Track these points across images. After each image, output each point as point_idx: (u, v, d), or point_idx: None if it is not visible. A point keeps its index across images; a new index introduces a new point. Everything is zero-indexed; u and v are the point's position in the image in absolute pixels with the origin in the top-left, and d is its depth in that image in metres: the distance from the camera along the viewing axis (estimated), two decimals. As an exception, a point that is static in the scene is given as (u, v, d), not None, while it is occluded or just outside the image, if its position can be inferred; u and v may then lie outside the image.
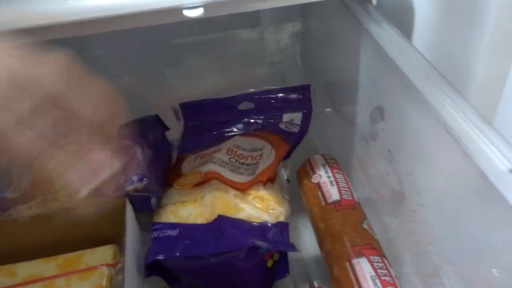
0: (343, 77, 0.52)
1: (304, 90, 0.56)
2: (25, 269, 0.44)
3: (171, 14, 0.37)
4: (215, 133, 0.58)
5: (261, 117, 0.57)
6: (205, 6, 0.37)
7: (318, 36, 0.59)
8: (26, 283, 0.43)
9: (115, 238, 0.46)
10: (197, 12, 0.37)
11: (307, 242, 0.50)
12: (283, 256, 0.42)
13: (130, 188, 0.44)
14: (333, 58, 0.55)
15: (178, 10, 0.37)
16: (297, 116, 0.56)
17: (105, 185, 0.29)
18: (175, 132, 0.57)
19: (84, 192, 0.44)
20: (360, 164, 0.50)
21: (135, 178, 0.44)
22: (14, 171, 0.47)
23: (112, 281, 0.44)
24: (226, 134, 0.57)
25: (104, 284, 0.43)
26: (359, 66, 0.45)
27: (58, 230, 0.45)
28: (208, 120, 0.59)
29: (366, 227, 0.42)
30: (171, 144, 0.56)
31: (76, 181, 0.29)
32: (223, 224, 0.42)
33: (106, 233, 0.47)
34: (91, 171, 0.28)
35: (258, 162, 0.50)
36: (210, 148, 0.53)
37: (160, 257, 0.41)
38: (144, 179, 0.44)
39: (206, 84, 0.61)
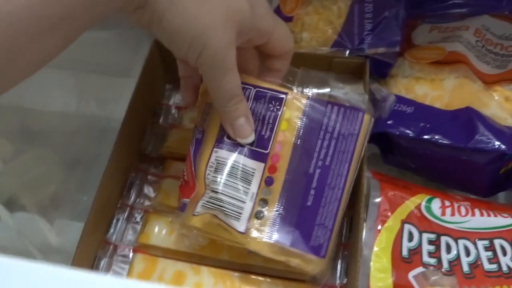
0: None
1: None
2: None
3: None
4: (451, 2, 0.49)
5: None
6: None
7: None
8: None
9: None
10: None
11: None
12: (521, 168, 0.39)
13: (378, 50, 0.40)
14: None
15: None
16: None
17: None
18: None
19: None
20: None
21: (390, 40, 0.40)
22: None
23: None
24: (466, 9, 0.48)
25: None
26: None
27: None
28: (444, -18, 0.50)
29: None
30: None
31: None
32: (474, 119, 0.38)
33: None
34: None
35: (511, 55, 0.43)
36: (451, 21, 0.46)
37: (394, 131, 0.39)
38: (397, 45, 0.40)
39: None
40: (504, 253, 0.34)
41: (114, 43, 0.43)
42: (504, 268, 0.33)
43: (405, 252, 0.33)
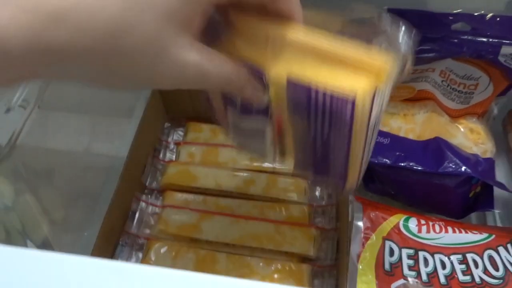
0: None
1: (538, 24, 0.51)
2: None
3: None
4: (420, 48, 0.56)
5: (476, 44, 0.54)
6: None
7: None
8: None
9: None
10: None
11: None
12: (488, 191, 0.44)
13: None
14: None
15: None
16: (518, 52, 0.52)
17: None
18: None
19: None
20: None
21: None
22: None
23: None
24: (433, 54, 0.55)
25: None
26: None
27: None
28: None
29: None
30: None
31: None
32: (442, 147, 0.43)
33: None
34: None
35: (473, 92, 0.49)
36: (418, 64, 0.52)
37: (373, 160, 0.44)
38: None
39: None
40: (476, 266, 0.37)
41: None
42: (477, 280, 0.37)
43: (387, 266, 0.37)
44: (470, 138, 0.46)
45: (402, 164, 0.43)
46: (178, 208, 0.46)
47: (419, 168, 0.43)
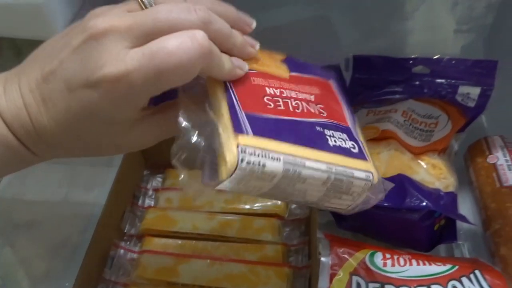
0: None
1: (489, 66, 0.55)
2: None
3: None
4: (384, 91, 0.59)
5: (435, 85, 0.58)
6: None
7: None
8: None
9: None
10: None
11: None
12: (451, 224, 0.46)
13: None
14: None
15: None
16: (474, 91, 0.56)
17: None
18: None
19: None
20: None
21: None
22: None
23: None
24: (397, 96, 0.58)
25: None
26: None
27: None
28: (378, 77, 0.60)
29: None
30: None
31: None
32: (405, 183, 0.45)
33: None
34: None
35: (433, 130, 0.52)
36: (383, 106, 0.56)
37: (341, 198, 0.46)
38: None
39: (381, 40, 0.62)
40: (441, 297, 0.39)
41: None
42: (443, 311, 0.38)
43: (354, 301, 0.38)
44: (433, 173, 0.49)
45: (368, 201, 0.45)
46: (155, 253, 0.47)
47: (384, 204, 0.45)
